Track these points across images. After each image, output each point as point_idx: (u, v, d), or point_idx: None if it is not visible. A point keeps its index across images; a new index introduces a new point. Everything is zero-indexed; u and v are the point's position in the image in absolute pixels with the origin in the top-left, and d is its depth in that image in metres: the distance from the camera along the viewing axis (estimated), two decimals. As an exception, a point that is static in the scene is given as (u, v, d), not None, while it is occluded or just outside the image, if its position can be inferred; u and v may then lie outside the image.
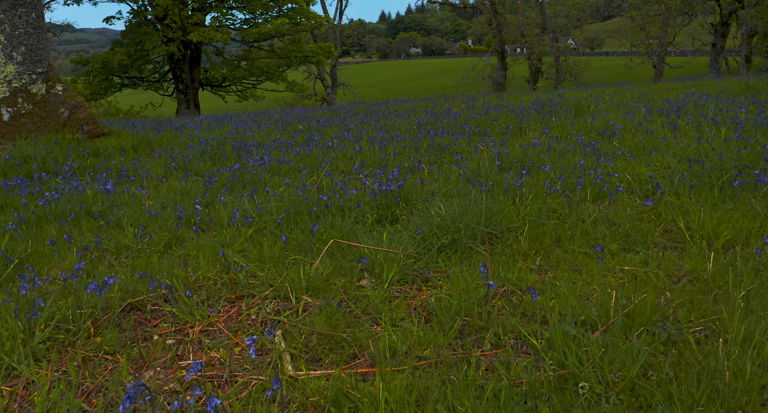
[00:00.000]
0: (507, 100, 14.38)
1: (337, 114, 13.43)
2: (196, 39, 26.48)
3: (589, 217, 4.62)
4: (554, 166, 5.98)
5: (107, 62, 29.79)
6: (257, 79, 33.59)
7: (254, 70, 32.81)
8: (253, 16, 30.94)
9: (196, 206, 5.10)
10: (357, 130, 9.60)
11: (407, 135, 8.94)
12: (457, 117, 10.08)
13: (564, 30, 53.14)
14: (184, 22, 27.55)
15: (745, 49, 38.60)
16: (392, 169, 6.60)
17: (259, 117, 13.73)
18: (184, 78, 31.40)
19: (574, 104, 10.33)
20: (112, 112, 44.83)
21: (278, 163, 7.00)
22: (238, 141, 8.69)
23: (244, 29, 29.82)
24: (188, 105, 32.28)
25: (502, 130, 8.95)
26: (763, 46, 46.01)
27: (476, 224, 4.29)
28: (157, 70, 34.05)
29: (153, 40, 28.92)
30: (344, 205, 5.03)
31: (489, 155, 6.69)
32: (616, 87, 17.38)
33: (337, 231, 4.45)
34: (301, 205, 4.90)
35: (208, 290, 3.61)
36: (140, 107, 39.79)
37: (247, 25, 31.57)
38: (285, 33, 29.74)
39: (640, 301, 3.07)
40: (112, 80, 33.10)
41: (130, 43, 31.08)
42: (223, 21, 30.15)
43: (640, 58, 42.31)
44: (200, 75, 32.53)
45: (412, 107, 14.08)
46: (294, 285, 3.54)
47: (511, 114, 10.07)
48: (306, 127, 10.20)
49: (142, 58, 31.00)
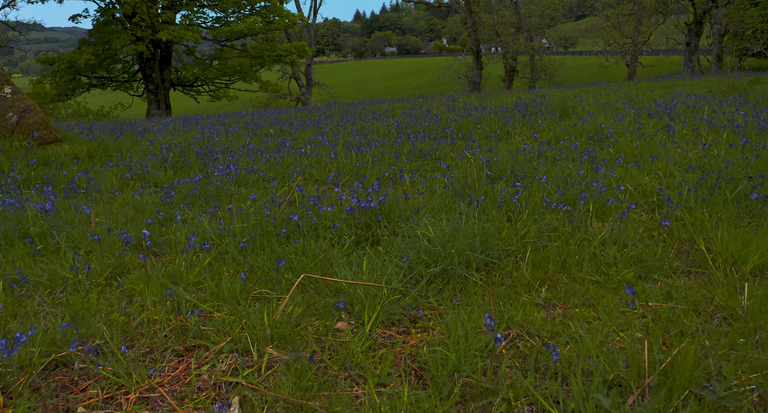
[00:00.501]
0: (487, 100, 13.85)
1: (311, 116, 12.78)
2: (166, 38, 25.57)
3: (594, 237, 4.06)
4: (550, 175, 5.42)
5: (73, 62, 28.71)
6: (230, 78, 32.72)
7: (227, 70, 31.94)
8: (225, 15, 30.07)
9: (148, 227, 4.44)
10: (332, 134, 8.97)
11: (386, 139, 8.34)
12: (438, 119, 9.50)
13: (538, 29, 52.98)
14: (153, 21, 26.60)
15: (716, 48, 38.72)
16: (372, 180, 5.99)
17: (229, 119, 13.00)
18: (154, 78, 30.41)
19: (560, 105, 9.82)
20: (81, 113, 43.52)
21: (246, 173, 6.34)
22: (203, 147, 8.01)
23: (216, 28, 28.94)
24: (159, 105, 31.31)
25: (487, 133, 8.39)
26: (734, 46, 46.38)
27: (470, 249, 3.70)
28: (126, 70, 32.98)
29: (121, 39, 27.91)
30: (318, 223, 4.41)
31: (476, 163, 6.12)
32: (597, 86, 16.98)
33: (309, 259, 3.82)
34: (269, 225, 4.26)
35: (152, 339, 2.96)
36: (109, 108, 38.68)
37: (218, 23, 30.68)
38: (258, 31, 28.93)
39: (680, 355, 2.50)
40: (79, 80, 32.00)
41: (97, 42, 30.02)
42: (194, 19, 29.23)
43: (614, 57, 42.28)
44: (171, 75, 31.56)
45: (389, 108, 13.48)
46: (256, 333, 2.90)
47: (495, 116, 9.52)
48: (278, 130, 9.54)
49: (111, 58, 29.94)
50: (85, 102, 42.14)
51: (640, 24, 34.64)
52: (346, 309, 3.27)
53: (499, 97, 14.72)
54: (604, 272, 3.63)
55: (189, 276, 3.71)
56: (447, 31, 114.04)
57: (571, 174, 5.49)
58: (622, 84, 17.37)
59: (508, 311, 3.18)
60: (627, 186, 5.11)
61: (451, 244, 3.70)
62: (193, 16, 29.05)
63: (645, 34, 34.16)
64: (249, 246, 4.10)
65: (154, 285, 3.54)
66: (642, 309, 3.19)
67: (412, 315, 3.18)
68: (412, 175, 6.16)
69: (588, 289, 3.41)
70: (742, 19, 33.98)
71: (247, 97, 47.01)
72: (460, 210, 4.71)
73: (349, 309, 3.27)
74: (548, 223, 4.35)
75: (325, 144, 7.90)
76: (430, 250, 3.71)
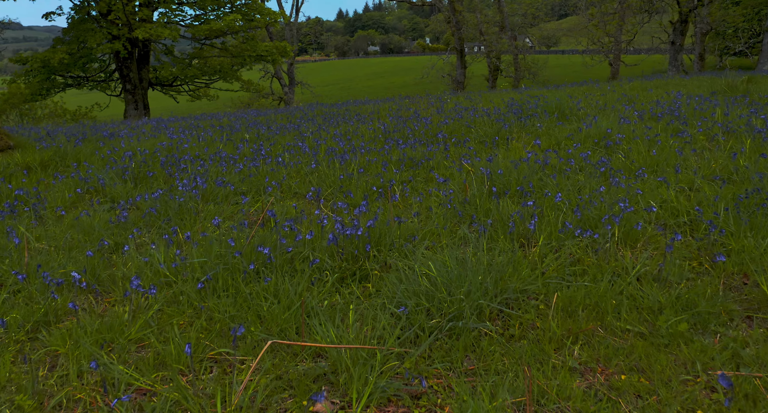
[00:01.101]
0: (477, 101, 13.14)
1: (291, 118, 11.97)
2: (142, 36, 24.57)
3: (627, 271, 3.35)
4: (562, 190, 4.70)
5: (47, 61, 27.62)
6: (210, 78, 31.72)
7: (207, 69, 30.94)
8: (204, 12, 29.07)
9: (89, 261, 3.66)
10: (314, 139, 8.19)
11: (372, 145, 7.58)
12: (428, 123, 8.76)
13: (521, 28, 52.47)
14: (129, 18, 25.56)
15: (699, 47, 38.39)
16: (358, 195, 5.23)
17: (205, 121, 12.16)
18: (131, 77, 29.36)
19: (557, 107, 9.12)
20: (58, 113, 42.24)
21: (214, 186, 5.55)
22: (171, 154, 7.20)
23: (195, 26, 27.94)
24: (137, 106, 30.29)
25: (482, 138, 7.66)
26: (715, 45, 46.16)
27: (481, 292, 2.97)
28: (103, 69, 31.85)
29: (96, 38, 26.85)
30: (295, 253, 3.66)
31: (476, 174, 5.39)
32: (587, 86, 16.35)
33: (282, 306, 3.06)
34: (234, 259, 3.49)
35: (66, 435, 2.19)
36: (86, 109, 37.55)
37: (198, 21, 29.66)
38: (238, 30, 27.97)
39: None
40: (54, 80, 30.89)
41: (72, 41, 28.93)
42: (172, 17, 28.21)
43: (599, 56, 41.89)
44: (150, 74, 30.52)
45: (374, 109, 12.71)
46: (206, 426, 2.15)
47: (488, 119, 8.80)
48: (254, 135, 8.73)
49: (86, 57, 28.81)
50: (63, 102, 40.92)
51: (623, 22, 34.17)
52: (327, 380, 2.52)
53: (489, 98, 14.01)
54: (648, 320, 2.91)
55: (130, 330, 2.93)
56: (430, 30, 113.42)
57: (584, 187, 4.78)
58: (613, 84, 16.76)
59: (536, 379, 2.46)
60: (650, 201, 4.41)
61: (458, 286, 2.97)
62: (171, 14, 28.04)
63: (630, 32, 33.66)
64: (209, 287, 3.33)
65: (84, 343, 2.76)
66: (706, 375, 2.48)
67: (413, 390, 2.43)
68: (403, 188, 5.41)
69: (633, 346, 2.69)
70: (724, 19, 33.62)
71: (228, 97, 45.95)
72: (463, 236, 3.98)
73: (333, 379, 2.52)
74: (569, 252, 3.63)
75: (306, 151, 7.13)
76: (431, 294, 2.97)
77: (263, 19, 28.08)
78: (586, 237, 3.69)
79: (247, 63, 29.61)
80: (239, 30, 28.47)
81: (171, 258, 3.72)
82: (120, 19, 26.02)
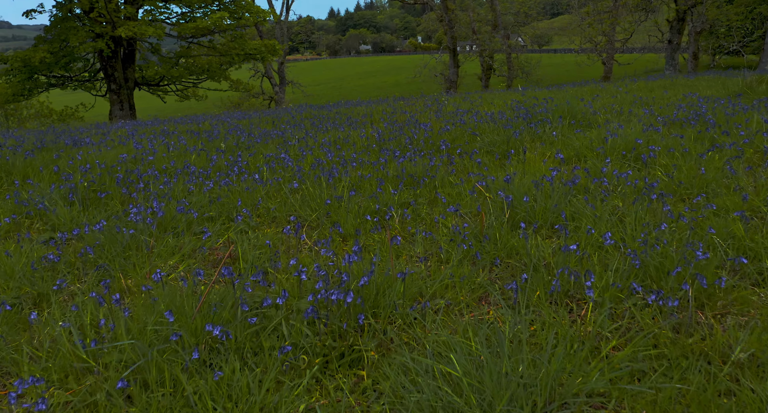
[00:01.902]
0: (477, 103, 12.16)
1: (277, 122, 10.95)
2: (125, 34, 23.43)
3: (722, 353, 2.38)
4: (602, 222, 3.72)
5: (28, 60, 26.44)
6: (198, 77, 30.59)
7: (194, 69, 29.82)
8: (190, 10, 27.93)
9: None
10: (299, 148, 7.19)
11: (365, 156, 6.59)
12: (427, 129, 7.77)
13: (514, 27, 51.57)
14: (112, 16, 24.41)
15: (693, 46, 37.63)
16: (348, 228, 4.23)
17: (184, 125, 11.12)
18: (116, 77, 28.22)
19: (568, 111, 8.16)
20: (44, 113, 41.08)
21: (175, 212, 4.54)
22: (133, 169, 6.17)
23: (181, 24, 26.81)
24: (122, 106, 29.17)
25: (489, 147, 6.69)
26: (708, 44, 45.41)
27: (529, 407, 1.99)
28: (87, 68, 30.64)
29: (79, 36, 25.70)
30: (261, 327, 2.67)
31: (492, 199, 4.40)
32: (592, 86, 15.41)
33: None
34: (173, 343, 2.49)
35: None
36: (72, 109, 36.42)
37: (184, 19, 28.53)
38: (225, 28, 26.87)
39: None
40: (38, 79, 29.72)
41: (54, 40, 27.75)
42: (157, 15, 27.04)
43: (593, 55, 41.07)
44: (136, 73, 29.36)
45: (367, 112, 11.71)
46: None
47: (494, 125, 7.82)
48: (233, 143, 7.71)
49: (69, 56, 27.63)
50: (49, 101, 39.75)
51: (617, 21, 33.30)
52: None
53: (489, 99, 13.04)
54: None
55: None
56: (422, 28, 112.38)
57: (627, 216, 3.81)
58: (618, 83, 15.81)
59: None
60: (715, 238, 3.44)
61: (495, 392, 1.99)
62: (157, 12, 26.87)
63: (628, 31, 32.79)
64: (138, 382, 2.33)
65: None
66: None
67: None
68: (403, 214, 4.42)
69: None
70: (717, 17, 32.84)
71: (218, 97, 44.82)
72: (485, 292, 2.99)
73: None
74: (634, 322, 2.65)
75: (289, 164, 6.11)
76: (457, 409, 1.98)
77: (252, 18, 26.99)
78: (652, 300, 2.71)
79: (235, 62, 28.52)
80: (227, 28, 27.38)
81: (95, 330, 2.72)
82: (103, 17, 24.87)
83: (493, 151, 6.58)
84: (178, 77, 29.37)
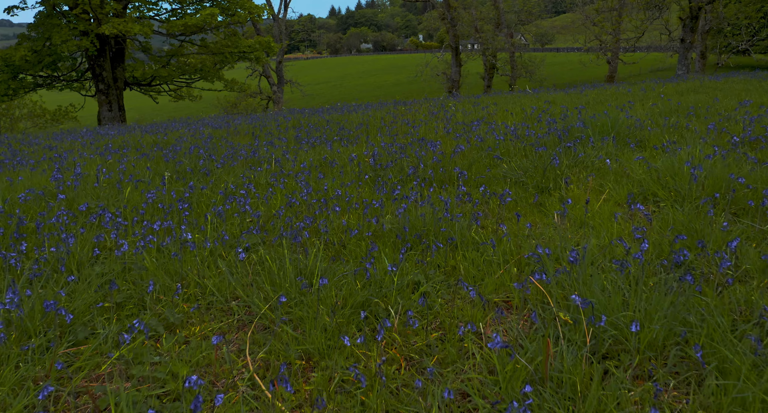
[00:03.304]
0: (489, 108, 10.42)
1: (258, 133, 9.22)
2: (109, 32, 21.68)
3: None
4: None
5: (8, 59, 24.72)
6: (190, 77, 28.83)
7: (186, 68, 28.07)
8: (181, 6, 26.15)
9: None
10: (271, 175, 5.47)
11: (355, 189, 4.88)
12: (435, 148, 6.05)
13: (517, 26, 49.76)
14: (96, 13, 22.64)
15: (701, 45, 35.84)
16: (318, 348, 2.51)
17: (147, 137, 9.39)
18: (104, 77, 26.49)
19: (611, 125, 6.45)
20: (37, 113, 39.40)
21: (42, 311, 2.82)
22: (38, 208, 4.45)
23: (170, 21, 25.03)
24: (110, 107, 27.44)
25: (517, 175, 4.97)
26: (714, 43, 43.58)
27: None
28: (74, 68, 28.88)
29: (62, 34, 23.94)
30: None
31: (561, 309, 2.68)
32: (615, 89, 13.65)
33: None
34: None
35: None
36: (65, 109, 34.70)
37: (175, 16, 26.76)
38: (218, 25, 25.08)
39: None
40: (24, 79, 28.01)
41: (38, 38, 26.04)
42: (145, 11, 25.27)
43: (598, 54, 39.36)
44: (126, 73, 27.57)
45: (363, 120, 9.98)
46: None
47: (519, 143, 6.10)
48: (193, 166, 5.99)
49: (54, 54, 25.88)
50: (42, 101, 38.05)
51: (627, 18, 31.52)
52: None
53: (503, 104, 11.29)
54: None
55: None
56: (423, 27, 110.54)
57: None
58: (644, 87, 14.03)
59: None
60: None
61: None
62: (145, 8, 25.09)
63: (639, 29, 30.96)
64: None
65: None
66: None
67: None
68: (406, 314, 2.71)
69: None
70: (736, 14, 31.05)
71: (214, 97, 43.13)
72: None
73: None
74: None
75: (247, 208, 4.38)
76: None
77: (245, 14, 25.18)
78: None
79: (228, 61, 26.74)
80: (219, 25, 25.59)
81: None
82: (87, 14, 23.11)
83: (524, 182, 4.86)
84: (168, 77, 27.59)
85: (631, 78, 53.68)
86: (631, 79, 52.77)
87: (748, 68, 34.10)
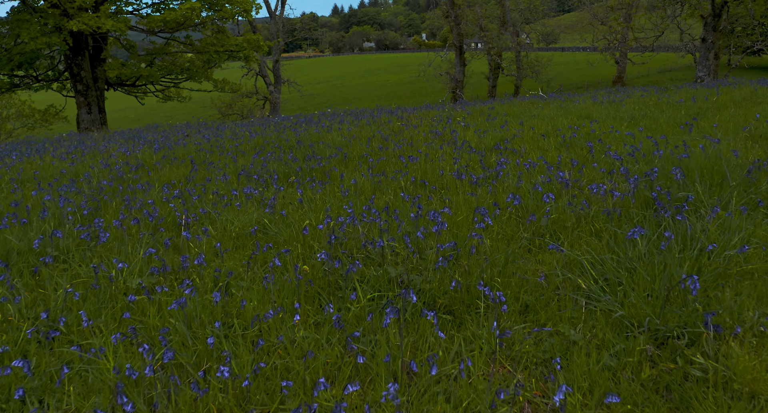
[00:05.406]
0: (510, 124, 7.91)
1: (203, 159, 6.74)
2: (77, 28, 19.18)
3: None
4: None
5: (-25, 57, 22.28)
6: (177, 77, 26.33)
7: (173, 68, 25.58)
8: (163, 2, 23.61)
9: None
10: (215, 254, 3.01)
11: (276, 352, 2.41)
12: (442, 224, 3.59)
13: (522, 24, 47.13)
14: (65, 6, 20.13)
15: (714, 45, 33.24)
16: None
17: (87, 161, 6.91)
18: (83, 76, 23.96)
19: (709, 168, 3.95)
20: (26, 113, 36.76)
21: None
22: None
23: (149, 16, 22.50)
24: (90, 109, 24.91)
25: (609, 305, 2.48)
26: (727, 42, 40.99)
27: None
28: (52, 67, 26.40)
29: (31, 31, 21.45)
30: None
31: None
32: (654, 97, 11.09)
33: None
34: None
35: None
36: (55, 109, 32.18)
37: (158, 11, 24.23)
38: (202, 21, 22.55)
39: None
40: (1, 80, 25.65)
41: (9, 35, 23.52)
42: (122, 6, 22.74)
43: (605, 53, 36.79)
44: (109, 73, 24.98)
45: (345, 142, 7.50)
46: None
47: (578, 202, 3.62)
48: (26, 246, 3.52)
49: (27, 53, 23.36)
50: (31, 100, 35.50)
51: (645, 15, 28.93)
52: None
53: (523, 116, 8.77)
54: None
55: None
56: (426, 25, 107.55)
57: None
58: (695, 95, 11.46)
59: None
60: None
61: None
62: (122, 2, 22.57)
63: (660, 27, 28.31)
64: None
65: None
66: None
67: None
68: None
69: None
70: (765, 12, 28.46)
71: (207, 97, 40.49)
72: None
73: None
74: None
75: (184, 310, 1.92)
76: None
77: (232, 9, 22.62)
78: None
79: (215, 59, 24.21)
80: (205, 21, 23.07)
81: None
82: (57, 8, 20.61)
83: (623, 322, 2.36)
84: (152, 77, 25.07)
85: (640, 79, 50.94)
86: (641, 80, 49.99)
87: (765, 70, 31.54)
